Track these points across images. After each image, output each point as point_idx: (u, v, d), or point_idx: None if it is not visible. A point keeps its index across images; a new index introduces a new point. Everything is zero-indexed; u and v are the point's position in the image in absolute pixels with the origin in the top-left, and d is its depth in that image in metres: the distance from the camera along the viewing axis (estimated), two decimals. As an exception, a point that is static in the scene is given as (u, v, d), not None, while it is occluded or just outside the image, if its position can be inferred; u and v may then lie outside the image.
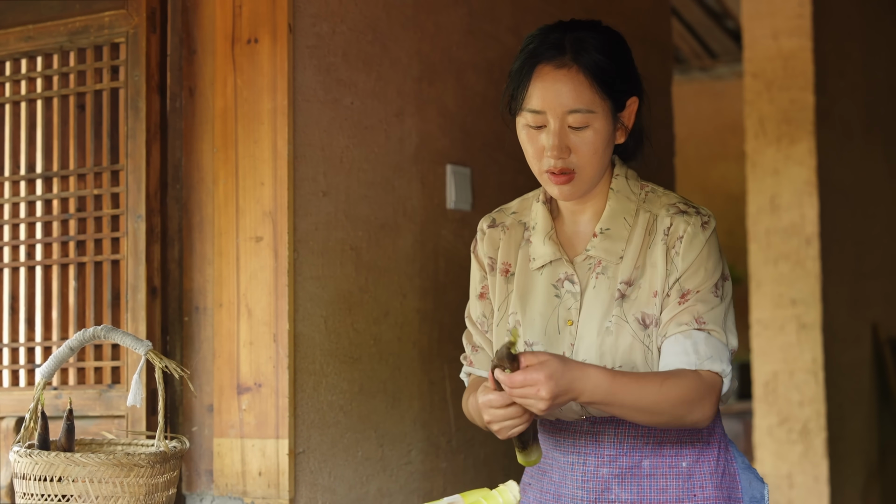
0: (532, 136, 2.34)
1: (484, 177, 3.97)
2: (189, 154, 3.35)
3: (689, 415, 2.29)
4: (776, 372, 5.95)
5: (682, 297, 2.33)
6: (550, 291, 2.41)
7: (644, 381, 2.26)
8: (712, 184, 9.26)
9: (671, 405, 2.26)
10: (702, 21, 9.09)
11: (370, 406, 3.48)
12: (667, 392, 2.26)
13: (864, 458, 6.31)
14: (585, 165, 2.33)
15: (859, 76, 6.56)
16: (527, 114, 2.33)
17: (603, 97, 2.31)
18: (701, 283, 2.33)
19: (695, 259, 2.33)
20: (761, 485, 2.46)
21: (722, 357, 2.32)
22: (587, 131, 2.31)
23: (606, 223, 2.40)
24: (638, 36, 4.99)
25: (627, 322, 2.33)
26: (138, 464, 2.58)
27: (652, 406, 2.25)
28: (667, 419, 2.29)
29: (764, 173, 6.02)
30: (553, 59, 2.31)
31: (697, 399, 2.28)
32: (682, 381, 2.28)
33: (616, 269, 2.37)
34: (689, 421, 2.30)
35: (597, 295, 2.37)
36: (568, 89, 2.30)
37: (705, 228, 2.35)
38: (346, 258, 3.42)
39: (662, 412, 2.27)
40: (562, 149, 2.31)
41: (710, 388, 2.31)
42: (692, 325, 2.31)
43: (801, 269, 5.90)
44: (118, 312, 3.33)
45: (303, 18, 3.32)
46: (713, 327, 2.32)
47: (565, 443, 2.44)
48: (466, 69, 3.92)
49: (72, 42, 3.41)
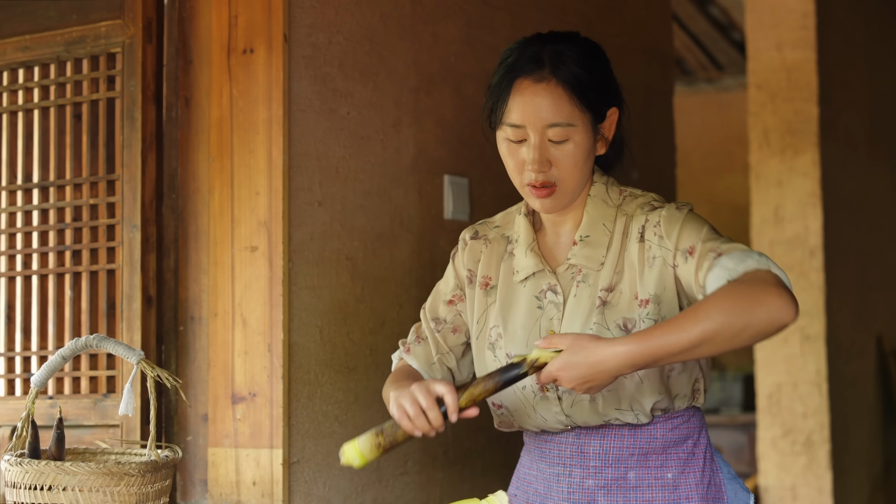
0: (513, 149, 2.35)
1: (482, 187, 3.97)
2: (185, 164, 3.35)
3: (757, 314, 2.09)
4: (780, 383, 5.93)
5: (689, 252, 2.26)
6: (533, 303, 2.41)
7: (676, 319, 2.13)
8: (718, 195, 9.24)
9: (731, 306, 2.09)
10: (708, 33, 9.08)
11: (366, 416, 3.47)
12: (712, 301, 2.11)
13: (869, 471, 6.29)
14: (566, 178, 2.34)
15: (864, 88, 6.55)
16: (507, 128, 2.34)
17: (582, 110, 2.31)
18: (698, 235, 2.27)
19: (680, 227, 2.30)
20: (747, 495, 2.45)
21: (751, 256, 2.16)
22: (567, 144, 2.32)
23: (585, 230, 2.39)
24: (639, 46, 4.99)
25: (609, 329, 2.32)
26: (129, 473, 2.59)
27: (712, 319, 2.09)
28: (735, 332, 2.09)
29: (768, 184, 6.01)
30: (532, 73, 2.31)
31: (753, 290, 2.10)
32: (719, 292, 2.13)
33: (596, 277, 2.37)
34: (765, 319, 2.09)
35: (577, 303, 2.36)
36: (547, 103, 2.30)
37: (681, 209, 2.34)
38: (341, 268, 3.42)
39: (722, 330, 2.08)
40: (542, 162, 2.31)
41: (759, 280, 2.12)
42: (713, 257, 2.20)
43: (804, 280, 5.89)
44: (113, 322, 3.34)
45: (298, 28, 3.32)
46: (730, 248, 2.20)
47: (551, 454, 2.43)
48: (464, 80, 3.92)
49: (68, 52, 3.42)
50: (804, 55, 5.96)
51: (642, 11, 5.09)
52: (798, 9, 5.97)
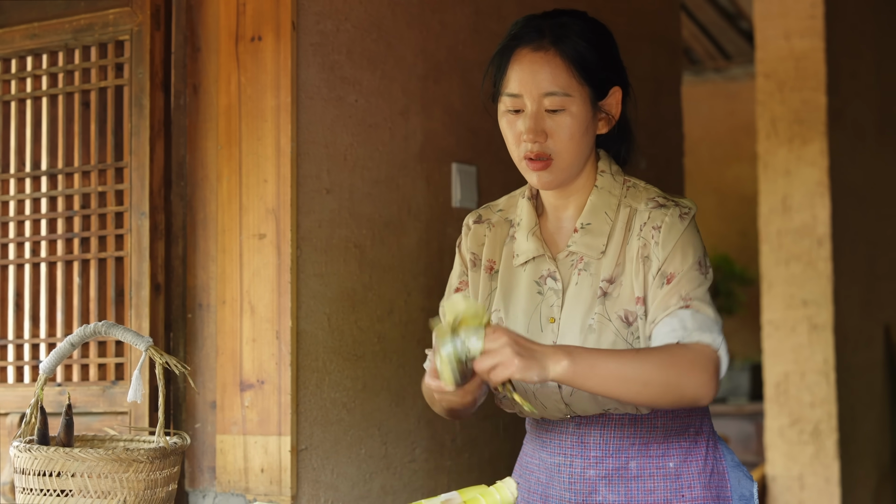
0: (511, 121, 2.34)
1: (490, 175, 3.96)
2: (193, 151, 3.35)
3: (685, 384, 2.18)
4: (787, 373, 5.92)
5: (666, 280, 2.29)
6: (533, 288, 2.40)
7: (623, 351, 2.20)
8: (726, 185, 9.22)
9: (659, 371, 2.16)
10: (716, 22, 9.06)
11: (374, 404, 3.48)
12: (651, 358, 2.18)
13: (876, 460, 6.29)
14: (562, 151, 2.32)
15: (872, 77, 6.54)
16: (506, 98, 2.34)
17: (580, 82, 2.31)
18: (683, 265, 2.29)
19: (675, 245, 2.30)
20: (750, 483, 2.43)
21: (711, 329, 2.23)
22: (564, 115, 2.31)
23: (587, 218, 2.38)
24: (647, 35, 4.98)
25: (611, 320, 2.31)
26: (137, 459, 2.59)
27: (637, 374, 2.16)
28: (660, 391, 2.18)
29: (776, 174, 6.00)
30: (531, 43, 2.32)
31: (688, 366, 2.18)
32: (667, 349, 2.20)
33: (598, 266, 2.36)
34: (688, 393, 2.20)
35: (579, 292, 2.35)
36: (545, 72, 2.30)
37: (683, 218, 2.33)
38: (349, 256, 3.42)
39: (651, 381, 2.16)
40: (537, 132, 2.30)
41: (703, 357, 2.20)
42: (679, 304, 2.26)
43: (812, 270, 5.88)
44: (122, 309, 3.34)
45: (307, 16, 3.32)
46: (699, 305, 2.25)
47: (551, 444, 2.42)
48: (472, 68, 3.91)
49: (76, 40, 3.42)
50: (812, 44, 5.95)
51: (650, 1, 5.09)
52: (806, -2, 5.97)
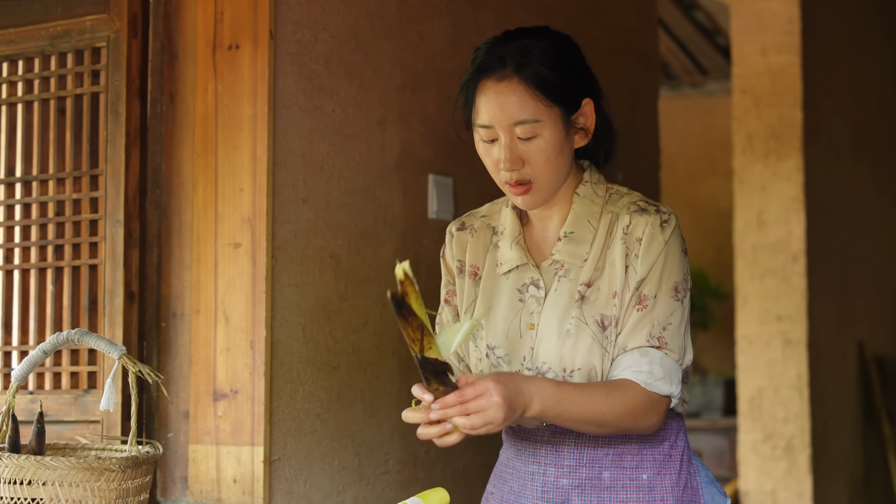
0: (486, 149, 2.36)
1: (466, 186, 3.96)
2: (169, 159, 3.34)
3: (634, 427, 2.33)
4: (761, 388, 5.94)
5: (640, 301, 2.32)
6: (515, 296, 2.41)
7: (590, 392, 2.28)
8: (701, 200, 9.26)
9: (616, 417, 2.29)
10: (693, 37, 9.10)
11: (348, 415, 3.47)
12: (612, 404, 2.28)
13: (849, 476, 6.30)
14: (540, 174, 2.34)
15: (848, 94, 6.57)
16: (479, 129, 2.35)
17: (548, 104, 2.31)
18: (658, 287, 2.32)
19: (654, 262, 2.33)
20: (724, 499, 2.44)
21: (673, 379, 2.33)
22: (537, 141, 2.32)
23: (570, 227, 2.40)
24: (624, 50, 5.00)
25: (587, 324, 2.33)
26: (109, 468, 2.57)
27: (597, 418, 2.28)
28: (612, 431, 2.32)
29: (751, 189, 6.02)
30: (495, 73, 2.32)
31: (643, 412, 2.31)
32: (628, 393, 2.30)
33: (578, 272, 2.37)
34: (636, 431, 2.35)
35: (557, 298, 2.37)
36: (511, 101, 2.30)
37: (664, 228, 2.34)
38: (325, 266, 3.41)
39: (607, 424, 2.29)
40: (514, 161, 2.32)
41: (659, 404, 2.33)
42: (651, 342, 2.31)
43: (787, 285, 5.90)
44: (95, 317, 3.32)
45: (284, 25, 3.31)
46: (670, 347, 2.33)
47: (526, 452, 2.43)
48: (450, 79, 3.91)
49: (53, 46, 3.41)
50: (789, 60, 5.98)
51: (629, 15, 5.10)
52: (783, 14, 5.99)
